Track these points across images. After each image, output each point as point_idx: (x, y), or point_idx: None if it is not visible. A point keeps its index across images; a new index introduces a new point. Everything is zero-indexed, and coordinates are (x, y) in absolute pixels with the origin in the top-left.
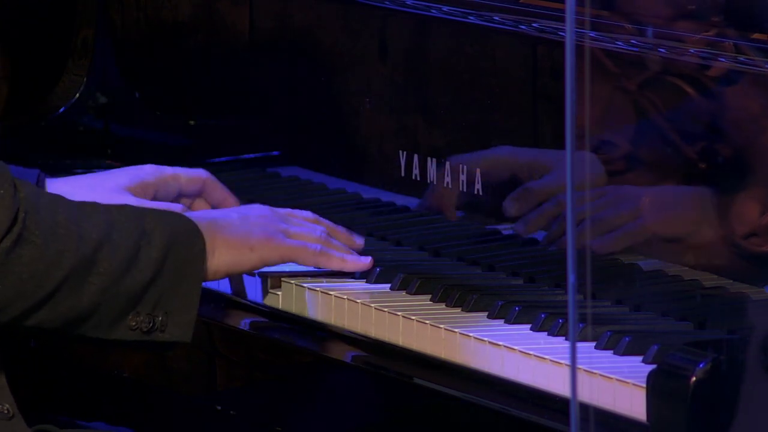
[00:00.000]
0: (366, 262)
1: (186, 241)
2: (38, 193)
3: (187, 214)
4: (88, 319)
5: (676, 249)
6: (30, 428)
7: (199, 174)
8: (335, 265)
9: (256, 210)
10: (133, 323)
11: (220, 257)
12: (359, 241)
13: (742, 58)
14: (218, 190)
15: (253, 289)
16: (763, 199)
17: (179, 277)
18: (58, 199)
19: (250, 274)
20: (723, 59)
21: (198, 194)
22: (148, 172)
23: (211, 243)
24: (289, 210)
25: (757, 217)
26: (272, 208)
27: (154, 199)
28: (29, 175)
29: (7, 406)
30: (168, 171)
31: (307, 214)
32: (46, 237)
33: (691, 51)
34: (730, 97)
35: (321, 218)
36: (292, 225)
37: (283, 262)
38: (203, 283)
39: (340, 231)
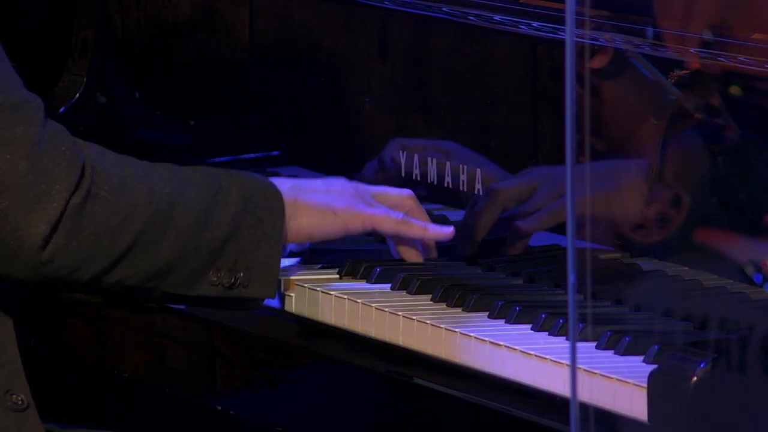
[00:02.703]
0: (448, 231)
1: (264, 199)
2: (102, 151)
3: (270, 178)
4: (168, 274)
5: (673, 248)
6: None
7: None
8: (416, 232)
9: (340, 181)
10: (215, 278)
11: (302, 219)
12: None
13: (743, 58)
14: None
15: None
16: (645, 193)
17: (258, 233)
18: (124, 157)
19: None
20: (724, 59)
21: None
22: None
23: (293, 204)
24: (374, 186)
25: (641, 209)
26: (355, 182)
27: None
28: None
29: (22, 396)
30: None
31: (404, 191)
32: (116, 192)
33: (692, 51)
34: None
35: (416, 200)
36: (375, 200)
37: (365, 230)
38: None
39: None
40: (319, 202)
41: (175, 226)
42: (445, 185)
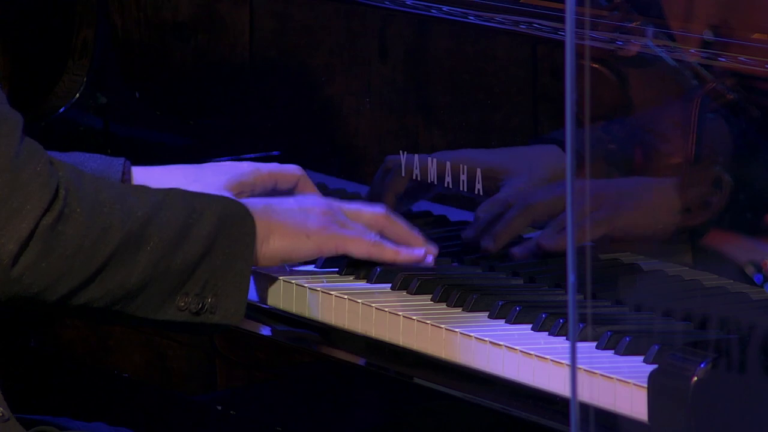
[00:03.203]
0: (420, 254)
1: (236, 223)
2: (79, 173)
3: (244, 200)
4: (136, 297)
5: (673, 248)
6: (29, 429)
7: (294, 171)
8: (388, 256)
9: (313, 199)
10: (182, 304)
11: (275, 243)
12: (432, 249)
13: (743, 58)
14: (309, 187)
15: (253, 288)
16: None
17: (229, 258)
18: (101, 179)
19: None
20: (723, 59)
21: (290, 191)
22: (246, 171)
23: (265, 228)
24: (347, 203)
25: (683, 194)
26: (329, 199)
27: (250, 196)
28: (115, 164)
29: (1, 409)
30: (264, 169)
31: (378, 209)
32: (89, 214)
33: (691, 51)
34: (644, 82)
35: (392, 215)
36: (349, 219)
37: (338, 252)
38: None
39: (407, 229)
40: (292, 224)
41: (146, 249)
42: (445, 185)
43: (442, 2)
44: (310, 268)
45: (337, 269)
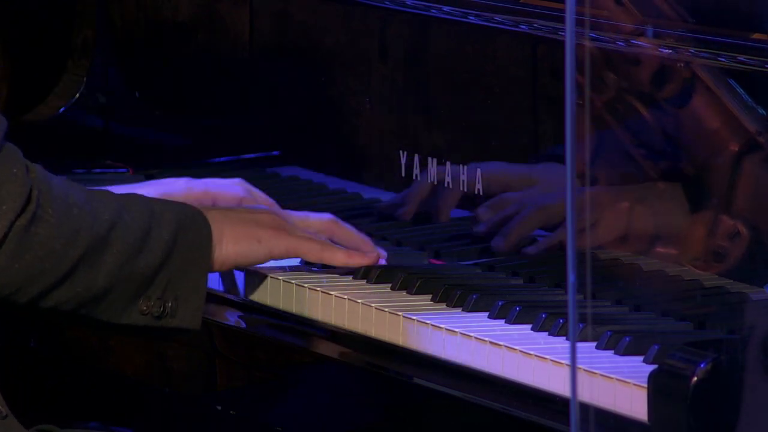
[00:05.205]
0: (372, 257)
1: (193, 227)
2: (49, 176)
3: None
4: (102, 300)
5: (675, 250)
6: (28, 429)
7: (236, 192)
8: (339, 259)
9: (261, 208)
10: (144, 307)
11: (228, 247)
12: (382, 253)
13: (743, 58)
14: (258, 201)
15: (253, 288)
16: (707, 222)
17: (188, 262)
18: (68, 182)
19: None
20: (723, 59)
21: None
22: (178, 188)
23: (218, 233)
24: (300, 213)
25: (701, 240)
26: (277, 208)
27: None
28: None
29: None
30: (197, 188)
31: (325, 216)
32: (60, 216)
33: (691, 51)
34: (686, 115)
35: (340, 221)
36: (298, 226)
37: (289, 255)
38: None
39: (356, 234)
40: (243, 229)
41: (112, 252)
42: (446, 185)
43: (442, 2)
44: (312, 267)
45: (337, 270)
